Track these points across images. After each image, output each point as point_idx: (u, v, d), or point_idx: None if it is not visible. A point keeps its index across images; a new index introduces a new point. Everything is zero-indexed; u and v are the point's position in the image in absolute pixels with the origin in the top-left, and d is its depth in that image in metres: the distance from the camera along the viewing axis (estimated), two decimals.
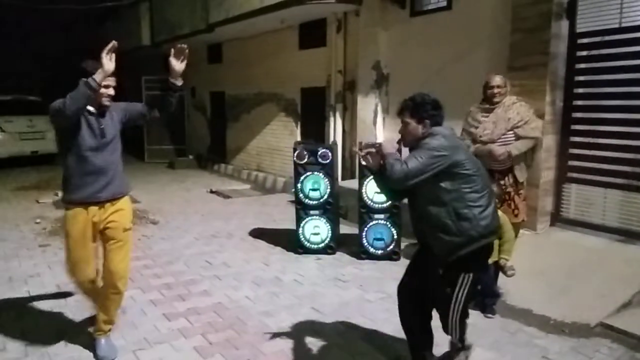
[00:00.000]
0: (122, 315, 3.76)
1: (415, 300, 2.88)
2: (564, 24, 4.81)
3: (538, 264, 4.41)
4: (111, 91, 3.01)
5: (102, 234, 3.11)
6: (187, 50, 3.14)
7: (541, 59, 4.80)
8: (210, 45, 11.75)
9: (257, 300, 4.07)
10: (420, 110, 2.70)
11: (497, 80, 4.29)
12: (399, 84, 6.74)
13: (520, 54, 4.95)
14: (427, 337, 2.92)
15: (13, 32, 15.87)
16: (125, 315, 3.76)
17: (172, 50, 3.11)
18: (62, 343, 3.35)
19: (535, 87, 4.86)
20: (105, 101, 3.05)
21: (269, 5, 7.48)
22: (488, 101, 4.34)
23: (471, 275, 2.61)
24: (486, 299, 3.84)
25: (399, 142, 2.82)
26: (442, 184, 2.54)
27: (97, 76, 2.76)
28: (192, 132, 13.34)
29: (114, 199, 3.10)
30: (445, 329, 2.76)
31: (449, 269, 2.63)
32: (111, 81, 2.96)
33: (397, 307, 3.03)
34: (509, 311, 3.83)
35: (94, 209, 3.03)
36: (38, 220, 6.59)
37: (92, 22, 15.53)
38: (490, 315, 3.78)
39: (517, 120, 4.21)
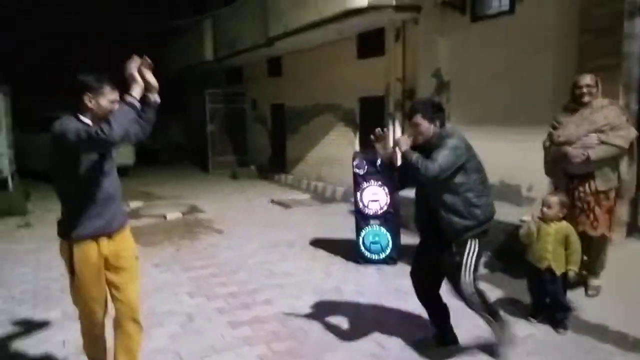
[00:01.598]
0: (189, 322, 3.91)
1: (428, 280, 3.33)
2: (638, 22, 4.54)
3: (613, 277, 4.17)
4: (116, 106, 2.63)
5: (111, 267, 2.78)
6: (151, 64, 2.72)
7: (613, 60, 4.55)
8: (269, 59, 12.03)
9: (319, 311, 4.09)
10: (430, 112, 3.08)
11: (586, 79, 4.00)
12: (461, 90, 6.61)
13: (591, 55, 4.72)
14: (443, 308, 3.40)
15: (82, 52, 16.93)
16: (192, 323, 3.89)
17: (141, 63, 2.67)
18: None
19: (608, 89, 4.58)
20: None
21: (327, 18, 7.57)
22: (576, 101, 4.07)
23: (477, 241, 3.08)
24: (556, 313, 3.67)
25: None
26: (458, 176, 3.00)
27: (136, 94, 2.55)
28: (253, 144, 13.67)
29: (121, 227, 2.82)
30: (461, 296, 3.17)
31: (458, 245, 3.07)
32: (116, 95, 2.66)
33: (460, 319, 3.40)
34: (582, 327, 3.64)
35: (105, 241, 2.71)
36: None
37: (157, 40, 16.31)
38: (561, 330, 3.62)
39: (603, 124, 3.86)
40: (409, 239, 5.86)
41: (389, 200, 5.18)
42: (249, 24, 10.72)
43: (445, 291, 3.32)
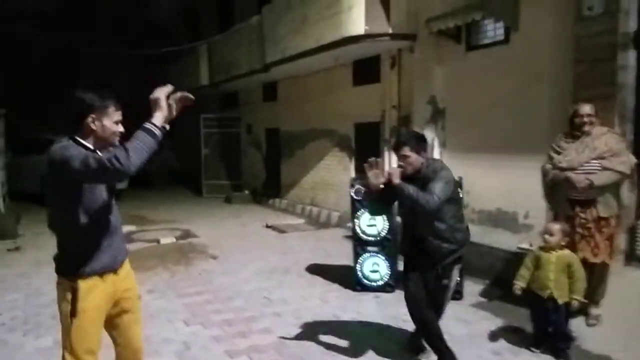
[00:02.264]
0: (186, 350, 3.82)
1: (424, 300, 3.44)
2: (632, 54, 4.63)
3: (613, 306, 4.16)
4: (121, 128, 2.39)
5: (114, 308, 2.51)
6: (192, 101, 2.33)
7: (608, 90, 4.63)
8: (265, 84, 12.11)
9: (318, 339, 4.02)
10: (416, 144, 3.31)
11: (587, 109, 4.07)
12: (456, 118, 6.68)
13: (586, 85, 4.79)
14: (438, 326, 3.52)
15: (84, 75, 16.99)
16: (189, 352, 3.81)
17: (178, 95, 2.29)
18: None
19: (603, 119, 4.67)
20: (116, 140, 2.40)
21: (325, 45, 7.66)
22: (576, 129, 4.14)
23: (460, 266, 3.62)
24: (558, 342, 3.64)
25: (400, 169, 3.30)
26: (446, 205, 3.20)
27: (158, 122, 2.18)
28: (247, 168, 13.65)
29: (124, 261, 2.55)
30: (440, 315, 3.54)
31: (444, 268, 3.40)
32: (120, 116, 2.40)
33: (462, 349, 3.56)
34: (584, 357, 3.62)
35: (110, 277, 2.43)
36: None
37: (153, 65, 16.40)
38: None
39: (604, 151, 3.94)
40: None
41: (387, 227, 5.15)
42: (245, 50, 10.82)
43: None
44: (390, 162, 7.94)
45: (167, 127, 2.25)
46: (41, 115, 16.05)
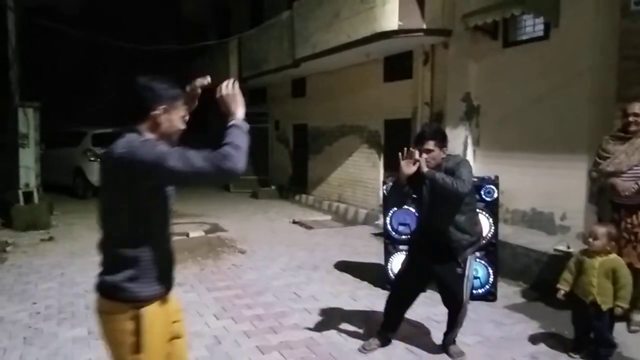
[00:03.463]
0: (217, 345, 3.82)
1: (412, 294, 3.71)
2: None
3: None
4: (183, 125, 2.16)
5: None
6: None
7: None
8: (294, 80, 12.09)
9: (348, 337, 3.97)
10: (441, 140, 3.39)
11: (635, 108, 3.88)
12: (491, 116, 6.53)
13: (631, 82, 4.62)
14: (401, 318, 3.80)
15: (112, 70, 17.26)
16: (220, 346, 3.80)
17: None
18: None
19: None
20: (176, 139, 2.16)
21: (357, 40, 7.58)
22: (624, 130, 3.95)
23: (476, 256, 3.83)
24: (600, 348, 3.51)
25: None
26: (467, 198, 3.34)
27: (242, 118, 1.99)
28: (274, 163, 13.67)
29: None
30: (458, 304, 3.52)
31: (463, 260, 3.41)
32: (186, 112, 2.18)
33: (496, 352, 3.69)
34: None
35: (166, 299, 2.05)
36: None
37: (183, 60, 16.54)
38: None
39: None
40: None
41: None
42: (275, 45, 10.81)
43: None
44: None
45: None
46: (72, 109, 16.43)
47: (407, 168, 3.32)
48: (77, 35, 11.31)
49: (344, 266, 6.03)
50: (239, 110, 1.99)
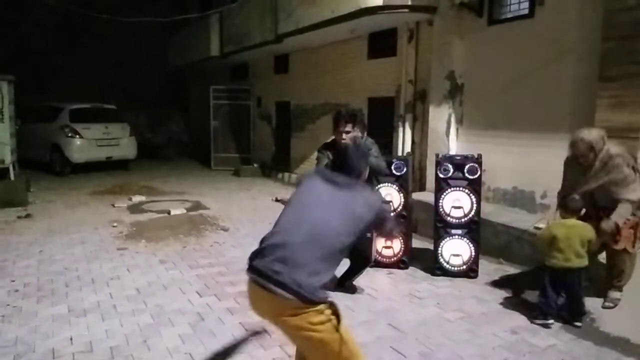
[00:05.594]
0: (200, 322, 3.81)
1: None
2: None
3: (632, 289, 4.09)
4: None
5: None
6: None
7: (637, 68, 4.48)
8: (277, 56, 11.91)
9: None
10: (362, 122, 4.13)
11: (580, 149, 3.78)
12: (475, 94, 6.53)
13: (613, 63, 4.65)
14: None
15: (90, 44, 16.79)
16: (203, 323, 3.79)
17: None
18: (145, 347, 3.40)
19: (629, 98, 4.55)
20: None
21: (341, 16, 7.47)
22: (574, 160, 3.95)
23: None
24: (581, 308, 3.78)
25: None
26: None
27: None
28: (257, 141, 13.55)
29: None
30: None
31: None
32: None
33: (478, 327, 3.75)
34: (604, 339, 3.56)
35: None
36: (115, 224, 6.84)
37: (164, 33, 16.18)
38: (578, 323, 3.74)
39: (612, 180, 3.75)
40: (419, 242, 5.79)
41: (402, 203, 5.08)
42: (258, 20, 10.60)
43: None
44: (404, 138, 7.84)
45: None
46: (48, 83, 15.99)
47: None
48: (53, 5, 10.94)
49: None
50: None
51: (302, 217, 2.23)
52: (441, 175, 4.88)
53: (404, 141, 7.82)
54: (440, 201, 4.87)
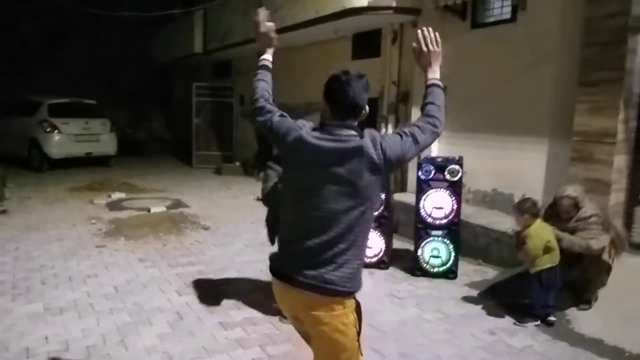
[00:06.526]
0: (179, 320, 3.78)
1: None
2: None
3: (607, 290, 4.17)
4: None
5: None
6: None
7: (615, 74, 4.57)
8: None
9: None
10: None
11: (563, 206, 4.00)
12: (457, 97, 6.55)
13: (592, 68, 4.73)
14: None
15: (70, 38, 16.50)
16: (182, 322, 3.76)
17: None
18: (122, 346, 3.36)
19: (607, 104, 4.64)
20: None
21: (325, 16, 7.47)
22: (554, 214, 4.11)
23: None
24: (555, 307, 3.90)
25: None
26: None
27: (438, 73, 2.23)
28: (239, 139, 13.48)
29: None
30: None
31: None
32: None
33: (456, 328, 3.74)
34: (578, 340, 3.63)
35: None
36: (94, 221, 6.74)
37: (147, 29, 15.99)
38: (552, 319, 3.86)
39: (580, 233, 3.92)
40: (400, 243, 5.83)
41: (384, 204, 5.10)
42: (241, 18, 10.54)
43: None
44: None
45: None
46: (31, 77, 15.68)
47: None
48: None
49: None
50: (438, 68, 2.19)
51: (307, 209, 1.97)
52: (422, 177, 4.91)
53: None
54: (421, 202, 4.90)
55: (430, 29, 2.20)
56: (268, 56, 2.54)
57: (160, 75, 18.00)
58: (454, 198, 4.86)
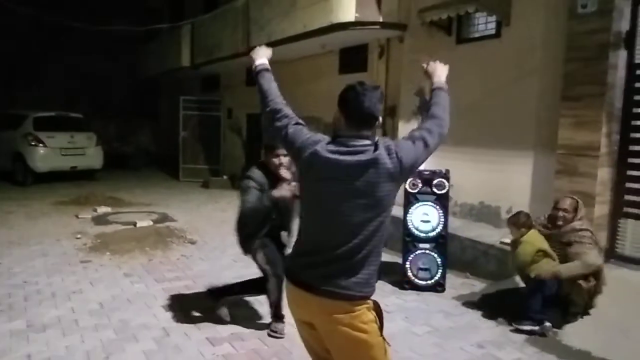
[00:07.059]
0: (165, 337, 3.72)
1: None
2: (622, 54, 4.66)
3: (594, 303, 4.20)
4: None
5: None
6: None
7: (597, 89, 4.65)
8: (248, 68, 11.88)
9: None
10: None
11: (566, 203, 4.13)
12: None
13: (575, 83, 4.81)
14: None
15: (58, 51, 16.39)
16: (168, 338, 3.71)
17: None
18: None
19: (590, 118, 4.71)
20: None
21: (313, 30, 7.53)
22: (551, 221, 4.23)
23: None
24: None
25: None
26: None
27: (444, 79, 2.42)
28: (227, 153, 13.45)
29: None
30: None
31: None
32: None
33: (445, 341, 3.74)
34: (566, 352, 3.64)
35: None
36: (79, 236, 6.65)
37: (135, 43, 15.98)
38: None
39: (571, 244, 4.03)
40: (388, 256, 5.82)
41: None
42: (230, 32, 10.58)
43: None
44: None
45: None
46: (17, 91, 15.54)
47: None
48: (23, 13, 10.69)
49: None
50: (444, 76, 2.38)
51: (326, 221, 2.00)
52: (410, 190, 4.93)
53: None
54: (409, 215, 4.92)
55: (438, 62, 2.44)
56: (264, 60, 2.43)
57: (148, 89, 17.95)
58: (441, 211, 4.88)
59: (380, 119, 2.08)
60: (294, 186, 3.48)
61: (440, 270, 4.87)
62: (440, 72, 2.36)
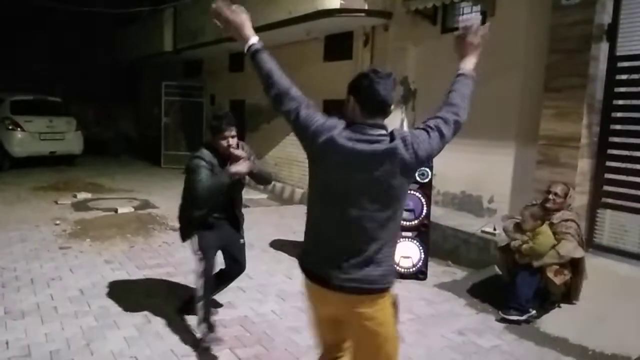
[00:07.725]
0: (147, 324, 3.70)
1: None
2: (604, 47, 4.72)
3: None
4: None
5: None
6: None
7: (579, 81, 4.71)
8: (232, 54, 11.77)
9: (284, 315, 3.98)
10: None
11: (557, 188, 4.25)
12: (427, 100, 6.67)
13: (557, 75, 4.86)
14: None
15: (36, 33, 15.98)
16: (150, 325, 3.69)
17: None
18: (88, 350, 3.27)
19: (571, 109, 4.77)
20: None
21: (297, 17, 7.46)
22: (542, 204, 4.27)
23: None
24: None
25: None
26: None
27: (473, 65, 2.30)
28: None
29: None
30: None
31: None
32: None
33: (426, 328, 3.81)
34: (544, 339, 3.72)
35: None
36: (58, 222, 6.55)
37: (116, 26, 15.66)
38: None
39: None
40: None
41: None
42: None
43: None
44: None
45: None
46: None
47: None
48: None
49: (279, 245, 6.02)
50: (474, 60, 2.22)
51: (340, 211, 1.94)
52: None
53: None
54: None
55: (488, 24, 2.22)
56: (255, 39, 2.11)
57: (129, 73, 17.64)
58: (424, 200, 4.91)
59: (392, 106, 2.04)
60: (250, 162, 3.44)
61: (422, 258, 4.92)
62: (473, 55, 2.23)
